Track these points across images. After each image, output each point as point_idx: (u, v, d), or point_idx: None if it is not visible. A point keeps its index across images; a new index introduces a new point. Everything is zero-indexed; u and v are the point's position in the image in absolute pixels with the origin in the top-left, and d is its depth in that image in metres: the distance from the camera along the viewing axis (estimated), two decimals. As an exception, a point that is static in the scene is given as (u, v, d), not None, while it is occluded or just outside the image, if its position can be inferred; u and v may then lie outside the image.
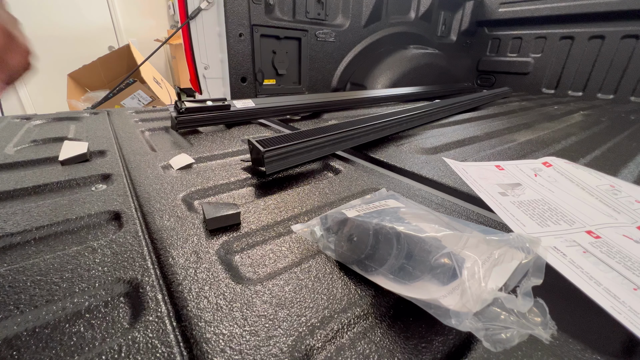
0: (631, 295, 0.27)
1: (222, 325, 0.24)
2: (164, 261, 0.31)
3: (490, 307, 0.21)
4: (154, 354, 0.22)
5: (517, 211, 0.40)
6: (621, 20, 1.51)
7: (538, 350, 0.24)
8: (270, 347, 0.23)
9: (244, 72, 1.13)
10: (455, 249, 0.23)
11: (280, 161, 0.52)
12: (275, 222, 0.39)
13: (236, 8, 1.03)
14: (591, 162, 0.67)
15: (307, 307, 0.26)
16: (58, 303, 0.26)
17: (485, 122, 1.02)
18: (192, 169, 0.54)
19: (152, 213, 0.39)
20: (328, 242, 0.32)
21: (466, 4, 1.87)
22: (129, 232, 0.36)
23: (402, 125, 0.79)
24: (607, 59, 1.57)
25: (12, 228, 0.35)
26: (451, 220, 0.30)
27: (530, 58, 1.84)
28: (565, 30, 1.68)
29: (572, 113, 1.25)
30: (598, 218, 0.40)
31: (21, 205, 0.40)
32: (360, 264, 0.29)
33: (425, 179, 0.55)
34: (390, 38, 1.54)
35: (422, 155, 0.65)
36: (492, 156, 0.67)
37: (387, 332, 0.25)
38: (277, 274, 0.30)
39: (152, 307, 0.26)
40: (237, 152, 0.63)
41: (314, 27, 1.26)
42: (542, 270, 0.23)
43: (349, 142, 0.64)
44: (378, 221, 0.28)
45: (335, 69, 1.41)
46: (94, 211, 0.39)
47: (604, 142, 0.83)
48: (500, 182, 0.49)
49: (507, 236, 0.24)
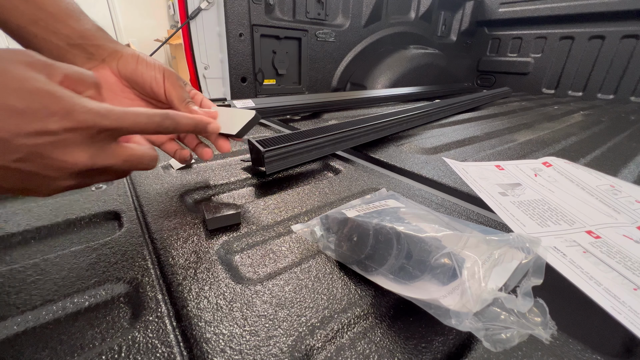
0: (631, 295, 0.27)
1: (222, 325, 0.24)
2: (164, 261, 0.31)
3: (490, 307, 0.21)
4: (154, 354, 0.22)
5: (517, 211, 0.40)
6: (621, 20, 1.51)
7: (538, 350, 0.24)
8: (270, 347, 0.23)
9: (244, 72, 1.13)
10: (455, 249, 0.23)
11: (280, 161, 0.52)
12: (275, 222, 0.39)
13: (236, 8, 1.03)
14: (591, 162, 0.67)
15: (307, 307, 0.26)
16: (58, 303, 0.26)
17: (485, 122, 1.02)
18: (192, 169, 0.53)
19: (152, 213, 0.39)
20: (328, 242, 0.32)
21: (466, 4, 1.87)
22: (129, 232, 0.36)
23: (402, 125, 0.79)
24: (607, 59, 1.57)
25: (12, 228, 0.35)
26: (451, 220, 0.30)
27: (530, 58, 1.84)
28: (565, 30, 1.68)
29: (572, 113, 1.25)
30: (598, 218, 0.40)
31: (22, 205, 0.40)
32: (360, 264, 0.29)
33: (425, 179, 0.55)
34: (390, 38, 1.54)
35: (422, 155, 0.65)
36: (492, 156, 0.67)
37: (387, 332, 0.25)
38: (277, 274, 0.30)
39: (152, 307, 0.26)
40: (237, 152, 0.63)
41: (314, 27, 1.26)
42: (542, 270, 0.23)
43: (349, 142, 0.64)
44: (378, 221, 0.28)
45: (335, 69, 1.41)
46: (94, 211, 0.39)
47: (604, 142, 0.83)
48: (500, 182, 0.49)
49: (507, 236, 0.24)
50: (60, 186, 0.23)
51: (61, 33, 0.31)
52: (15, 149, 0.20)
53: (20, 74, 0.20)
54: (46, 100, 0.20)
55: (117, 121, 0.23)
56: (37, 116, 0.20)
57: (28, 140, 0.20)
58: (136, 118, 0.24)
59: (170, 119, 0.27)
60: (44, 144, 0.20)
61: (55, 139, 0.21)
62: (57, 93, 0.21)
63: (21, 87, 0.20)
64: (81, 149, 0.22)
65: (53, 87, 0.21)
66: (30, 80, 0.20)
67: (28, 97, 0.20)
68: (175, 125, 0.28)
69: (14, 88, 0.19)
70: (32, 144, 0.20)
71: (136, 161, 0.26)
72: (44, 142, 0.20)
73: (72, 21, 0.32)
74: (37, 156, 0.21)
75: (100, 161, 0.24)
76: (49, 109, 0.20)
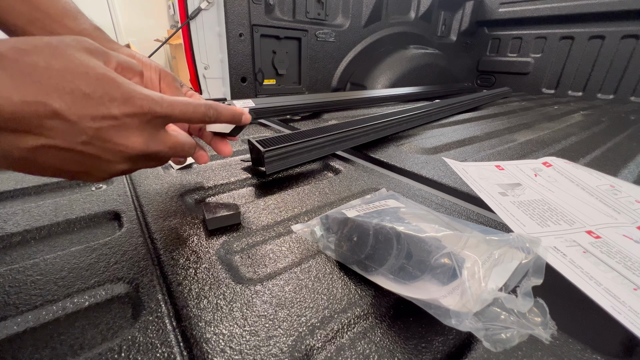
0: (631, 295, 0.27)
1: (222, 325, 0.24)
2: (164, 261, 0.31)
3: (490, 307, 0.21)
4: (154, 354, 0.22)
5: (517, 211, 0.40)
6: (621, 20, 1.51)
7: (538, 350, 0.24)
8: (270, 347, 0.23)
9: (244, 72, 1.13)
10: (455, 249, 0.23)
11: (280, 161, 0.52)
12: (275, 222, 0.39)
13: (236, 8, 1.03)
14: (591, 162, 0.67)
15: (307, 307, 0.26)
16: (58, 303, 0.26)
17: (485, 122, 1.02)
18: (192, 169, 0.53)
19: (152, 213, 0.39)
20: (328, 242, 0.32)
21: (466, 4, 1.87)
22: (129, 232, 0.36)
23: (402, 125, 0.79)
24: (607, 59, 1.57)
25: (12, 228, 0.35)
26: (451, 220, 0.30)
27: (530, 58, 1.84)
28: (565, 30, 1.68)
29: (572, 113, 1.25)
30: (598, 218, 0.40)
31: (21, 205, 0.40)
32: (360, 264, 0.29)
33: (425, 179, 0.55)
34: (390, 38, 1.54)
35: (422, 155, 0.65)
36: (492, 156, 0.67)
37: (387, 332, 0.25)
38: (277, 274, 0.30)
39: (152, 307, 0.26)
40: (237, 152, 0.63)
41: (314, 27, 1.26)
42: (542, 270, 0.23)
43: (349, 142, 0.64)
44: (378, 221, 0.28)
45: (335, 69, 1.41)
46: (94, 211, 0.39)
47: (604, 142, 0.83)
48: (500, 182, 0.49)
49: (507, 236, 0.24)
50: (116, 170, 0.25)
51: (57, 33, 0.31)
52: (81, 132, 0.21)
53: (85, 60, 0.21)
54: (108, 86, 0.21)
55: (168, 108, 0.24)
56: (101, 100, 0.21)
57: (94, 123, 0.21)
58: (184, 107, 0.26)
59: (214, 109, 0.29)
60: (107, 128, 0.22)
61: (117, 123, 0.22)
62: (118, 79, 0.22)
63: (87, 73, 0.21)
64: (137, 134, 0.23)
65: (113, 73, 0.22)
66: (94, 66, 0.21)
67: (93, 83, 0.21)
68: (218, 115, 0.30)
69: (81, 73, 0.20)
70: (97, 127, 0.21)
71: (179, 148, 0.28)
72: (107, 126, 0.21)
73: (69, 21, 0.32)
74: (99, 139, 0.22)
75: (152, 146, 0.25)
76: (110, 95, 0.21)
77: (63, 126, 0.20)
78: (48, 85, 0.19)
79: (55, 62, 0.20)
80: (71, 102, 0.20)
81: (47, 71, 0.19)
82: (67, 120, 0.20)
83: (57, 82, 0.19)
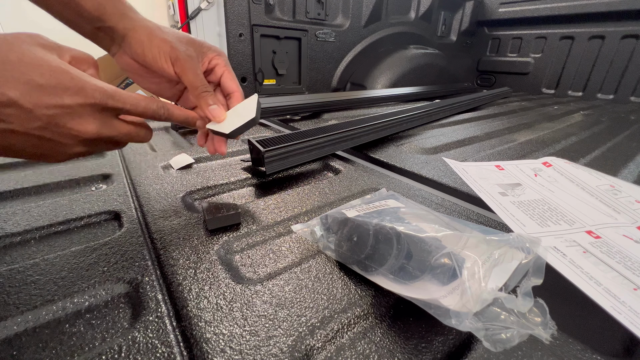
0: (631, 295, 0.27)
1: (222, 325, 0.24)
2: (164, 261, 0.31)
3: (490, 307, 0.21)
4: (154, 354, 0.22)
5: (517, 211, 0.40)
6: (621, 20, 1.51)
7: (538, 350, 0.24)
8: (270, 347, 0.23)
9: (244, 72, 1.13)
10: (455, 249, 0.23)
11: (280, 161, 0.52)
12: (275, 222, 0.39)
13: (236, 8, 1.03)
14: (591, 162, 0.67)
15: (307, 307, 0.26)
16: (58, 303, 0.26)
17: (485, 122, 1.02)
18: (192, 169, 0.53)
19: (152, 213, 0.39)
20: (328, 242, 0.32)
21: (466, 4, 1.87)
22: (129, 232, 0.36)
23: (402, 125, 0.79)
24: (607, 59, 1.57)
25: (12, 228, 0.35)
26: (451, 220, 0.30)
27: (530, 58, 1.84)
28: (565, 30, 1.68)
29: (572, 113, 1.25)
30: (598, 218, 0.40)
31: (21, 205, 0.40)
32: (360, 264, 0.29)
33: (425, 179, 0.55)
34: (390, 38, 1.54)
35: (422, 155, 0.65)
36: (492, 156, 0.67)
37: (387, 332, 0.25)
38: (277, 274, 0.30)
39: (152, 307, 0.26)
40: (237, 152, 0.63)
41: (314, 27, 1.26)
42: (542, 270, 0.23)
43: (349, 142, 0.64)
44: (378, 221, 0.28)
45: (335, 69, 1.41)
46: (94, 211, 0.39)
47: (604, 142, 0.83)
48: (500, 182, 0.49)
49: (507, 236, 0.24)
50: (72, 152, 0.27)
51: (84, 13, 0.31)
52: (36, 118, 0.23)
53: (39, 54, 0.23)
54: (61, 77, 0.23)
55: (120, 102, 0.27)
56: (54, 90, 0.23)
57: (48, 111, 0.23)
58: (136, 102, 0.28)
59: (165, 109, 0.31)
60: (61, 115, 0.24)
61: (70, 111, 0.24)
62: (71, 71, 0.24)
63: (41, 65, 0.23)
64: (90, 121, 0.25)
65: (66, 65, 0.24)
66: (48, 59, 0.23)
67: (47, 74, 0.23)
68: (169, 115, 0.32)
69: (35, 65, 0.22)
70: (51, 114, 0.23)
71: (134, 134, 0.30)
72: (60, 113, 0.24)
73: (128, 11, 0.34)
74: (54, 125, 0.24)
75: (105, 132, 0.27)
76: (63, 85, 0.23)
77: (19, 113, 0.22)
78: (5, 77, 0.21)
79: (12, 56, 0.22)
80: (26, 92, 0.22)
81: (3, 64, 0.21)
82: (23, 108, 0.22)
83: (13, 74, 0.22)
